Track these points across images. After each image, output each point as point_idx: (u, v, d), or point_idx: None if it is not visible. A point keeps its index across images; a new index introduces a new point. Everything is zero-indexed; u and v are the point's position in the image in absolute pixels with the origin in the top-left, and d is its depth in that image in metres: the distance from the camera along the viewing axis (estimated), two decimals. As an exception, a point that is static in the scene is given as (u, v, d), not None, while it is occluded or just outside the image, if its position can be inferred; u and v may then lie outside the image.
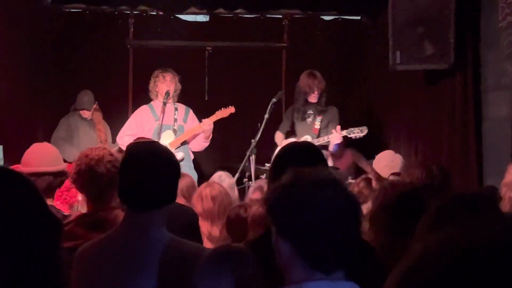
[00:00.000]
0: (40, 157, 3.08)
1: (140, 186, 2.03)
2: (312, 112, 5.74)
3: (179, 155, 5.55)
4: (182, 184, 3.73)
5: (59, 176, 3.08)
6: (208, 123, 5.51)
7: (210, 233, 3.38)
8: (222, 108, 5.66)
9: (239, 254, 1.75)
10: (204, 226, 3.38)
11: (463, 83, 5.09)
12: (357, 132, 5.44)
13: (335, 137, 5.45)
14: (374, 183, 4.04)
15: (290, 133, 5.93)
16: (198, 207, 3.43)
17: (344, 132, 5.45)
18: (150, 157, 2.06)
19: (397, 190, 2.49)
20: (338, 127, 5.47)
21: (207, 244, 3.31)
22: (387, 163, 4.01)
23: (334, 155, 5.70)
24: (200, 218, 3.38)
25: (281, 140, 5.81)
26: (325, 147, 5.62)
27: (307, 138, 5.65)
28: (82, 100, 6.19)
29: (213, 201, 3.40)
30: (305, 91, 5.65)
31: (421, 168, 3.07)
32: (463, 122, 5.07)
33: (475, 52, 5.05)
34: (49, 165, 3.04)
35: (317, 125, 5.71)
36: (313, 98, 5.68)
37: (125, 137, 5.46)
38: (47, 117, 6.49)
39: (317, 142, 5.56)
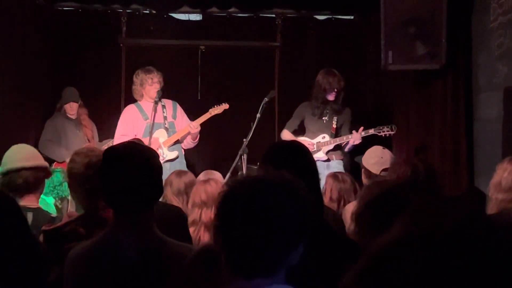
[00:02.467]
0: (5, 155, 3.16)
1: (120, 188, 2.02)
2: (328, 111, 5.70)
3: (173, 154, 5.57)
4: (185, 181, 3.73)
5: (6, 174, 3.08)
6: (195, 127, 5.52)
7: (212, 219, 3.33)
8: (216, 106, 5.67)
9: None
10: (207, 214, 3.33)
11: (455, 84, 5.11)
12: (387, 130, 5.44)
13: (355, 137, 5.45)
14: (365, 181, 4.03)
15: (298, 131, 5.89)
16: (201, 195, 3.39)
17: (373, 130, 5.44)
18: (127, 158, 2.05)
19: (381, 189, 2.49)
20: (361, 128, 5.47)
21: (205, 234, 3.30)
22: (376, 160, 4.00)
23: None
24: (197, 209, 3.35)
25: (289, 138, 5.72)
26: (339, 146, 5.67)
27: (325, 137, 5.66)
28: (68, 94, 6.11)
29: (219, 187, 3.37)
30: (325, 88, 5.59)
31: (406, 165, 3.07)
32: (454, 122, 5.08)
33: (467, 52, 5.07)
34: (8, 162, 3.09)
35: (335, 124, 5.68)
36: (331, 96, 5.62)
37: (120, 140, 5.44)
38: (38, 116, 6.44)
39: (339, 141, 5.59)
